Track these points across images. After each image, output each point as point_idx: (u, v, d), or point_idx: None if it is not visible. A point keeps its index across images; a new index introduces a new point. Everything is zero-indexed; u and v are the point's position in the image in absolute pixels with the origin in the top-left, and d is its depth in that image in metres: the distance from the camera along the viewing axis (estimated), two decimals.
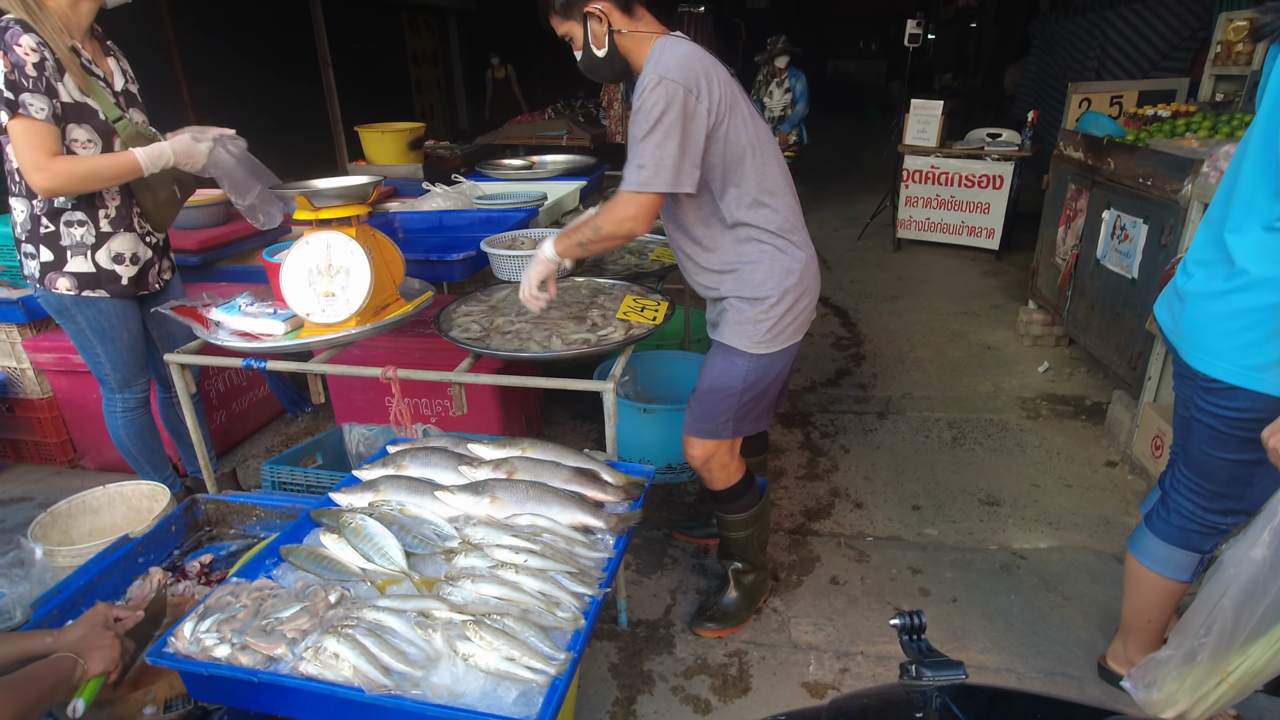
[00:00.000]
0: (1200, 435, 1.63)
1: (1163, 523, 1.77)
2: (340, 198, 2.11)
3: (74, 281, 2.19)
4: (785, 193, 1.91)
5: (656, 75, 1.68)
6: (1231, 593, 1.43)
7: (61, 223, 2.16)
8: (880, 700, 0.94)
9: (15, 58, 1.90)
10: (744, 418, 1.99)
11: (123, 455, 2.52)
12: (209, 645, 1.33)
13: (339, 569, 1.54)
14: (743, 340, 1.91)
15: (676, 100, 1.68)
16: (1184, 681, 1.53)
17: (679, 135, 1.70)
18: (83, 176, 2.04)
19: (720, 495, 2.10)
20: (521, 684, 1.28)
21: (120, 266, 2.25)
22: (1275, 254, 1.43)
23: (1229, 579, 1.43)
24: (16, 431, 3.18)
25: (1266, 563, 1.38)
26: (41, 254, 2.18)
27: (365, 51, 8.91)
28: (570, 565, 1.53)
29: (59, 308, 2.25)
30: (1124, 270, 3.21)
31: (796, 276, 1.90)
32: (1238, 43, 3.52)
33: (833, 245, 6.63)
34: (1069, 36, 7.26)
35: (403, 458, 1.87)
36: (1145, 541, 1.82)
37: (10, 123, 1.94)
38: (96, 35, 2.20)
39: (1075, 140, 3.81)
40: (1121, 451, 3.13)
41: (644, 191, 1.73)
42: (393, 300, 2.29)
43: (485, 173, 4.16)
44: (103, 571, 1.86)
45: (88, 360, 2.37)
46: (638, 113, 1.71)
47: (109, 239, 2.21)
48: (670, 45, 1.76)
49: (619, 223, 1.79)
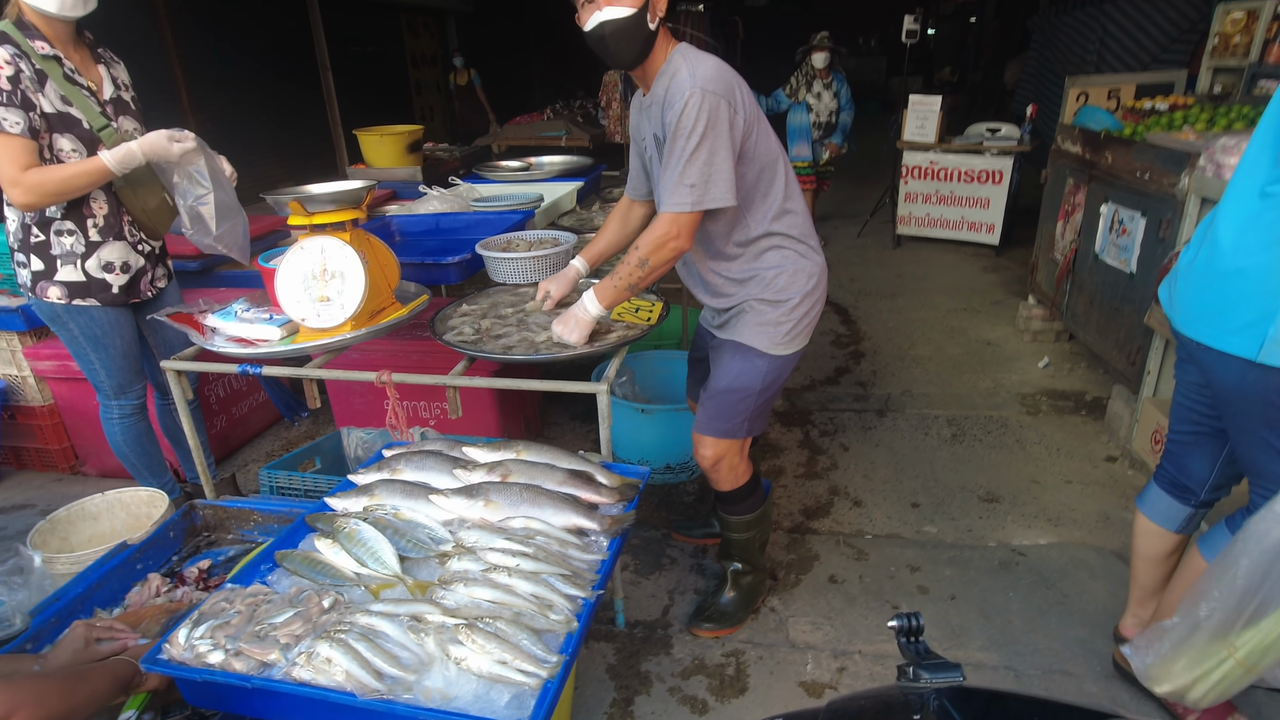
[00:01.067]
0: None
1: (1164, 472, 1.87)
2: (334, 202, 2.11)
3: (64, 290, 2.20)
4: (801, 199, 1.94)
5: (698, 89, 1.65)
6: (1244, 566, 1.37)
7: (51, 232, 2.16)
8: (878, 702, 0.94)
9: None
10: (758, 417, 2.02)
11: (121, 461, 2.54)
12: (203, 651, 1.33)
13: (333, 574, 1.55)
14: (764, 341, 1.93)
15: (720, 113, 1.67)
16: (1185, 653, 1.47)
17: (726, 148, 1.69)
18: (55, 186, 2.03)
19: (727, 496, 2.11)
20: (514, 687, 1.28)
21: (110, 275, 2.25)
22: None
23: (1242, 552, 1.38)
24: (18, 439, 3.20)
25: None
26: (33, 263, 2.19)
27: (364, 54, 8.91)
28: (563, 568, 1.54)
29: (51, 315, 2.26)
30: (1122, 265, 3.20)
31: (815, 280, 1.94)
32: (1235, 35, 3.50)
33: (832, 242, 6.62)
34: (1068, 30, 7.23)
35: (398, 462, 1.87)
36: (1149, 496, 1.92)
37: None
38: (86, 42, 2.20)
39: (1073, 135, 3.80)
40: (1121, 447, 3.12)
41: (695, 210, 1.71)
42: (388, 304, 2.29)
43: (482, 175, 4.16)
44: (101, 578, 1.87)
45: (83, 367, 2.38)
46: (679, 128, 1.67)
47: (99, 248, 2.22)
48: (694, 55, 1.75)
49: (664, 248, 1.77)
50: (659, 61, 1.79)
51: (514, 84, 11.27)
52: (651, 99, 1.82)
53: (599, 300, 1.90)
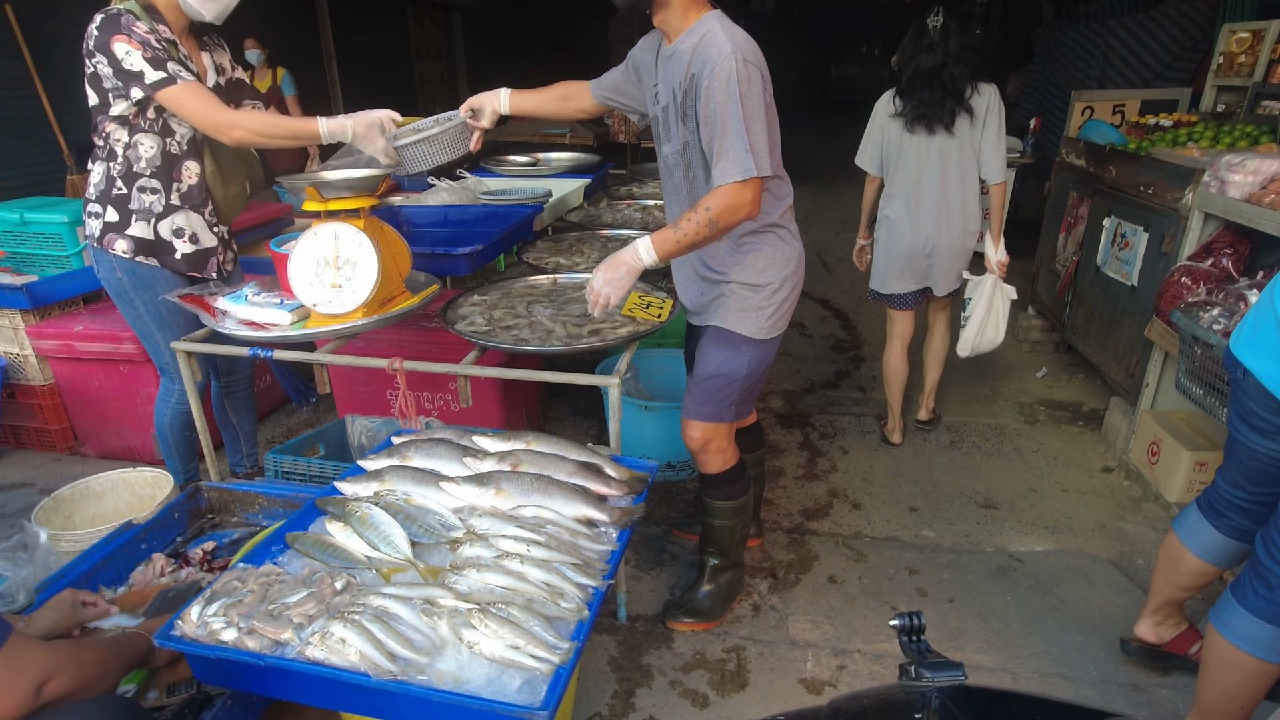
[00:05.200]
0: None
1: (1263, 601, 1.51)
2: (349, 189, 2.12)
3: (131, 245, 2.21)
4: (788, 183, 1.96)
5: (741, 55, 1.65)
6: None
7: (135, 188, 2.19)
8: (880, 701, 0.95)
9: (140, 37, 2.01)
10: (744, 401, 2.04)
11: (158, 440, 2.55)
12: (216, 629, 1.34)
13: (345, 556, 1.56)
14: (747, 326, 1.94)
15: (757, 83, 1.68)
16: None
17: (763, 120, 1.70)
18: (270, 129, 2.13)
19: (713, 479, 2.12)
20: (526, 672, 1.30)
21: (179, 240, 2.27)
22: None
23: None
24: (17, 418, 3.18)
25: None
26: (107, 214, 2.20)
27: (370, 46, 8.90)
28: (574, 557, 1.55)
29: (119, 289, 2.26)
30: (1124, 278, 3.24)
31: (794, 265, 1.97)
32: (1240, 54, 3.54)
33: (834, 248, 6.65)
34: (1072, 45, 7.28)
35: (408, 448, 1.88)
36: (1239, 622, 1.54)
37: (173, 90, 2.04)
38: (194, 31, 2.25)
39: (1078, 148, 3.84)
40: (1118, 458, 3.15)
41: (761, 176, 1.68)
42: (399, 293, 2.30)
43: (490, 168, 4.17)
44: (106, 557, 1.87)
45: (151, 351, 2.39)
46: (726, 94, 1.65)
47: (175, 212, 2.25)
48: (728, 23, 1.74)
49: (738, 212, 1.71)
50: (688, 18, 1.75)
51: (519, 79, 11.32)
52: (674, 50, 1.78)
53: (655, 249, 1.77)
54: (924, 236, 3.01)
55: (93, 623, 1.67)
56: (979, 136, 2.91)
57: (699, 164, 1.83)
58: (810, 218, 7.90)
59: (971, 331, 3.23)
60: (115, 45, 1.99)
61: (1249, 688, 1.57)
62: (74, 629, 1.62)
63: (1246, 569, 1.59)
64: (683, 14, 1.76)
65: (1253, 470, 1.67)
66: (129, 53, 2.00)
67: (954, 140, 2.89)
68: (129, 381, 2.99)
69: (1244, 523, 1.74)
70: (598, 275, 1.82)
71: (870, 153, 3.10)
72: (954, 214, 2.99)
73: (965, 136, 2.89)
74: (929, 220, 2.99)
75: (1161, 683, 2.01)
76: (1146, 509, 2.85)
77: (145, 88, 2.02)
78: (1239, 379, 1.61)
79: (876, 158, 3.08)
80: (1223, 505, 1.77)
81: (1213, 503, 1.79)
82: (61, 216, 3.09)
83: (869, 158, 3.11)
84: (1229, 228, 2.64)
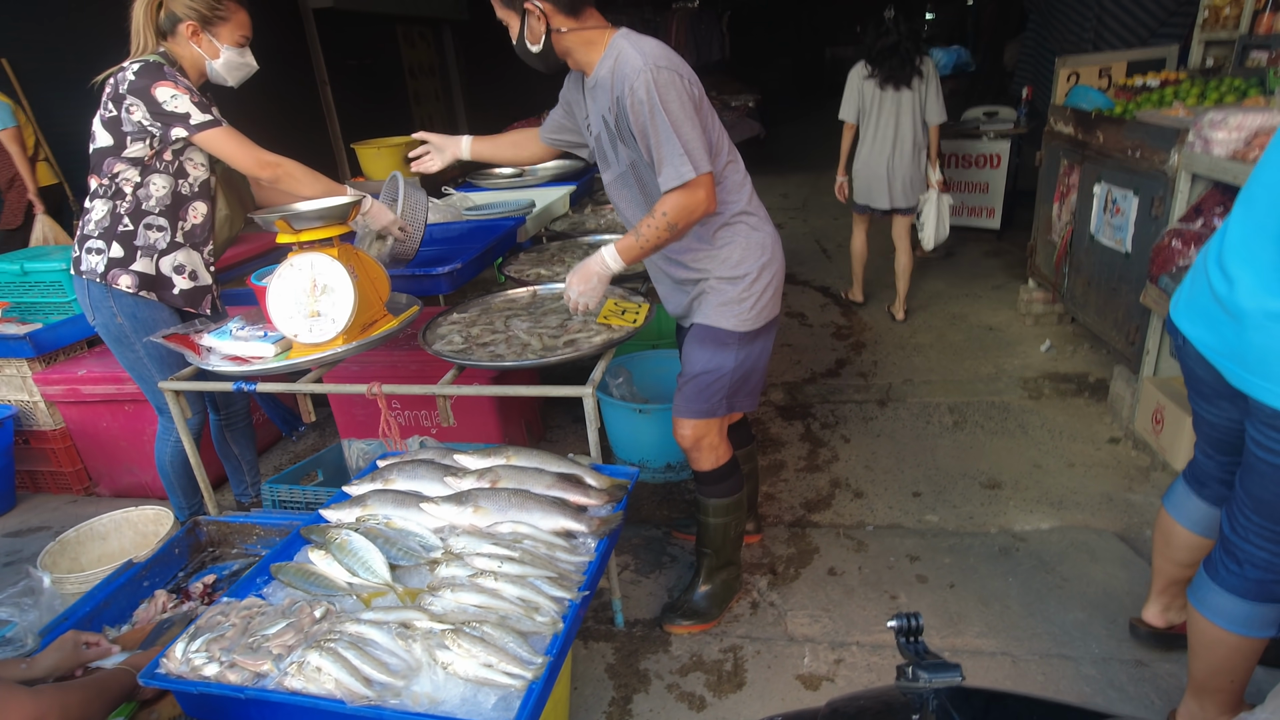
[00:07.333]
0: (1269, 476, 1.40)
1: (1234, 577, 1.51)
2: (321, 219, 2.14)
3: (135, 280, 2.28)
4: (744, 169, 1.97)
5: (652, 65, 1.68)
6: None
7: (142, 225, 2.26)
8: (877, 702, 0.95)
9: (185, 84, 2.15)
10: (736, 394, 2.04)
11: (160, 478, 2.60)
12: (198, 664, 1.37)
13: (326, 584, 1.58)
14: (729, 320, 1.94)
15: (676, 84, 1.70)
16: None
17: (692, 117, 1.72)
18: (290, 169, 2.26)
19: (706, 477, 2.13)
20: (500, 689, 1.31)
21: (178, 277, 2.35)
22: None
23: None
24: (33, 463, 3.27)
25: None
26: (112, 250, 2.25)
27: (362, 68, 8.98)
28: (550, 570, 1.56)
29: (118, 334, 2.32)
30: (1117, 244, 3.18)
31: (770, 252, 1.97)
32: (1225, 7, 3.46)
33: (832, 233, 6.60)
34: (1064, 8, 7.14)
35: (390, 471, 1.91)
36: (1215, 599, 1.54)
37: (218, 131, 2.18)
38: (200, 86, 2.34)
39: (1065, 115, 3.78)
40: (1124, 427, 3.10)
41: (700, 173, 1.72)
42: (380, 316, 2.32)
43: (475, 183, 4.19)
44: (108, 596, 1.92)
45: (147, 392, 2.45)
46: (649, 106, 1.68)
47: (178, 249, 2.33)
48: (636, 37, 1.78)
49: (693, 211, 1.77)
50: (596, 50, 1.81)
51: (510, 91, 11.32)
52: (595, 80, 1.83)
53: (621, 256, 1.87)
54: (888, 162, 4.18)
55: (95, 662, 1.71)
56: (926, 90, 4.09)
57: (651, 178, 1.85)
58: (809, 205, 7.84)
59: (929, 232, 4.47)
60: (159, 90, 2.10)
61: (1234, 663, 1.55)
62: (77, 669, 1.66)
63: (1217, 546, 1.57)
64: (587, 49, 1.81)
65: (1213, 439, 1.64)
66: (175, 96, 2.11)
67: (911, 94, 4.07)
68: (135, 420, 3.06)
69: (1226, 492, 1.70)
70: (571, 286, 1.95)
71: (850, 107, 4.24)
72: (907, 146, 4.15)
73: (918, 90, 4.07)
74: (892, 150, 4.16)
75: (1165, 658, 1.98)
76: (1155, 478, 2.80)
77: (190, 128, 2.14)
78: (1180, 346, 1.58)
79: (855, 109, 4.23)
80: (1204, 475, 1.74)
81: (1195, 473, 1.77)
82: (60, 264, 3.16)
83: (850, 111, 4.25)
84: (1217, 187, 2.58)
